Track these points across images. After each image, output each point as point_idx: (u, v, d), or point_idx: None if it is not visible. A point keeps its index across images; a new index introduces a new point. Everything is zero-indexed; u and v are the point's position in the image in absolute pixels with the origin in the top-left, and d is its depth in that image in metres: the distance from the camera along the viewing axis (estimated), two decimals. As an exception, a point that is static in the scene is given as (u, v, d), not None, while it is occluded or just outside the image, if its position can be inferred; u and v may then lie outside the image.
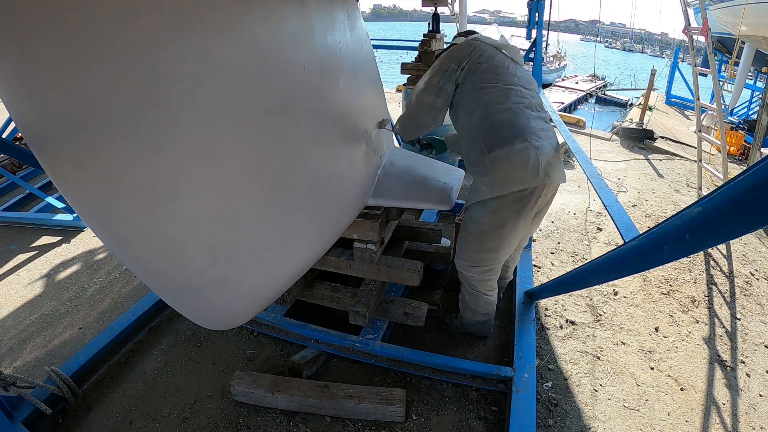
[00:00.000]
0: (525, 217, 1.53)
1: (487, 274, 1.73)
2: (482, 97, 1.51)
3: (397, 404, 1.60)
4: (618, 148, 5.30)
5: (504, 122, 1.46)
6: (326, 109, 1.41)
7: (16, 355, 2.04)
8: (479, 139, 1.50)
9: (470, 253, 1.68)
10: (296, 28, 1.21)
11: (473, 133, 1.53)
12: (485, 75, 1.53)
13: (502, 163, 1.45)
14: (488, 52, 1.59)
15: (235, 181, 1.09)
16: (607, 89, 16.27)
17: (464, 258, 1.72)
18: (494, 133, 1.47)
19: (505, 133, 1.45)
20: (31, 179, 3.96)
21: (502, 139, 1.45)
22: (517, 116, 1.47)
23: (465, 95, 1.56)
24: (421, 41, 3.30)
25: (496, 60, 1.57)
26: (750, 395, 1.82)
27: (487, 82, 1.52)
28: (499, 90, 1.51)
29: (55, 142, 0.91)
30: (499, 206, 1.50)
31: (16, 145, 2.38)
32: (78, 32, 0.79)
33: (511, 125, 1.46)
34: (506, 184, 1.46)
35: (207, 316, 1.31)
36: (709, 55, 3.44)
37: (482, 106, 1.50)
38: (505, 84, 1.52)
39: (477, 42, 1.64)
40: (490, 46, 1.63)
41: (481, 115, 1.50)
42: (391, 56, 8.06)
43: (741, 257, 2.88)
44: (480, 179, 1.52)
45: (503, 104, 1.48)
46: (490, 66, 1.55)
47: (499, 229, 1.56)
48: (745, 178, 0.70)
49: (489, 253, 1.65)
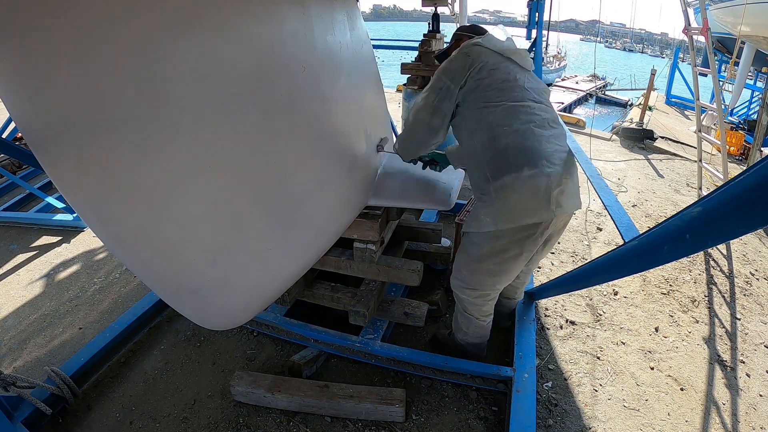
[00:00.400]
0: (530, 247, 1.39)
1: (482, 299, 1.60)
2: (485, 117, 1.34)
3: (397, 404, 1.60)
4: (618, 148, 5.30)
5: (510, 146, 1.30)
6: (326, 109, 1.41)
7: (16, 355, 2.04)
8: (484, 165, 1.35)
9: (465, 274, 1.55)
10: (296, 28, 1.21)
11: (477, 157, 1.38)
12: (488, 92, 1.36)
13: (509, 193, 1.30)
14: (491, 62, 1.39)
15: (235, 181, 1.09)
16: (607, 89, 16.27)
17: (459, 278, 1.58)
18: (500, 159, 1.31)
19: (513, 159, 1.29)
20: (31, 179, 3.96)
21: (509, 165, 1.29)
22: (526, 138, 1.30)
23: (467, 115, 1.39)
24: (421, 41, 3.30)
25: (500, 71, 1.38)
26: (750, 395, 1.82)
27: (491, 101, 1.35)
28: (505, 109, 1.33)
29: (55, 142, 0.91)
30: (501, 234, 1.36)
31: (16, 145, 2.38)
32: (78, 32, 0.79)
33: (519, 150, 1.30)
34: (512, 216, 1.32)
35: (207, 316, 1.31)
36: (709, 55, 3.44)
37: (485, 128, 1.34)
38: (511, 101, 1.34)
39: (478, 50, 1.42)
40: (493, 52, 1.43)
41: (485, 139, 1.34)
42: (391, 56, 8.05)
43: (741, 257, 2.88)
44: (484, 209, 1.36)
45: (510, 125, 1.31)
46: (494, 81, 1.36)
47: (501, 255, 1.42)
48: (745, 178, 0.70)
49: (486, 277, 1.51)
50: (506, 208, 1.32)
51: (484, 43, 1.45)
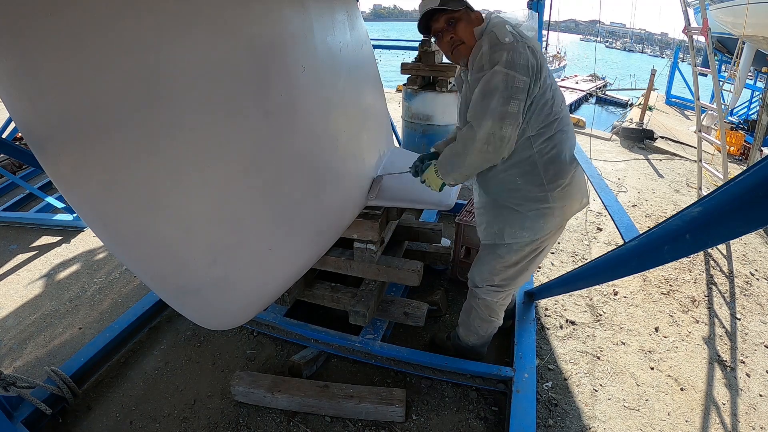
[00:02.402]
0: (557, 238, 1.48)
1: (509, 298, 1.62)
2: (549, 123, 1.24)
3: (397, 404, 1.60)
4: (618, 148, 5.30)
5: (565, 151, 1.29)
6: (326, 108, 1.41)
7: (17, 355, 2.04)
8: (539, 170, 1.27)
9: (499, 278, 1.50)
10: (296, 28, 1.21)
11: (531, 163, 1.27)
12: (546, 96, 1.22)
13: (568, 195, 1.31)
14: (544, 61, 1.22)
15: (235, 181, 1.09)
16: (607, 89, 16.26)
17: (492, 283, 1.53)
18: (558, 164, 1.28)
19: (566, 165, 1.30)
20: (31, 179, 3.96)
21: (564, 169, 1.29)
22: (572, 142, 1.32)
23: (529, 121, 1.23)
24: (421, 41, 3.30)
25: (549, 73, 1.25)
26: (750, 395, 1.82)
27: (557, 105, 1.25)
28: (562, 116, 1.27)
29: (55, 142, 0.91)
30: (556, 230, 1.40)
31: (16, 145, 2.38)
32: (78, 32, 0.79)
33: (570, 155, 1.31)
34: (570, 211, 1.36)
35: (207, 316, 1.31)
36: (709, 55, 3.45)
37: (548, 136, 1.25)
38: (563, 105, 1.28)
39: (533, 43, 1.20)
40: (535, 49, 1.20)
41: (545, 147, 1.25)
42: (390, 56, 8.04)
43: (741, 257, 2.88)
44: (540, 216, 1.32)
45: (566, 131, 1.29)
46: (551, 84, 1.24)
47: (538, 253, 1.45)
48: (745, 178, 0.70)
49: (521, 277, 1.51)
50: (567, 208, 1.34)
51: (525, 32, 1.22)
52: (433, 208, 2.43)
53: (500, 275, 1.50)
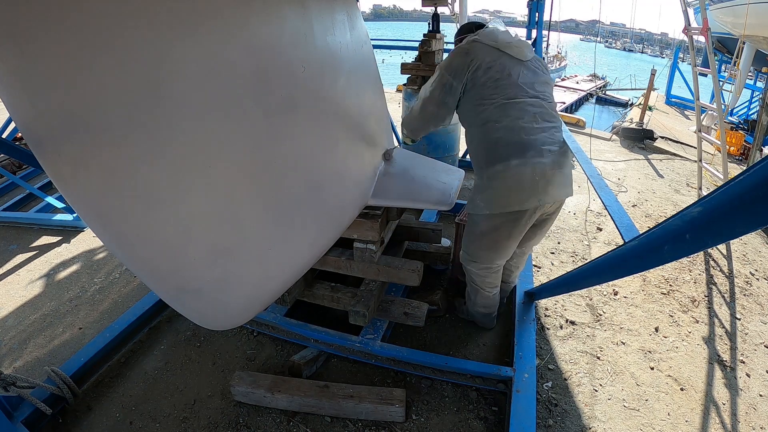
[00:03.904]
0: (520, 230, 1.57)
1: (485, 271, 1.78)
2: (480, 114, 1.50)
3: (397, 404, 1.60)
4: (618, 148, 5.30)
5: (500, 140, 1.46)
6: (326, 108, 1.41)
7: (17, 355, 2.04)
8: (480, 153, 1.54)
9: (471, 248, 1.74)
10: (296, 28, 1.21)
11: (475, 146, 1.58)
12: (483, 90, 1.49)
13: (498, 183, 1.48)
14: (487, 59, 1.51)
15: (235, 181, 1.09)
16: (607, 89, 16.27)
17: (466, 251, 1.79)
18: (492, 151, 1.49)
19: (502, 151, 1.46)
20: (31, 179, 3.96)
21: (498, 156, 1.47)
22: (515, 133, 1.45)
23: (467, 109, 1.56)
24: (421, 41, 3.30)
25: (495, 69, 1.50)
26: (750, 395, 1.82)
27: (485, 98, 1.49)
28: (498, 106, 1.47)
29: (55, 142, 0.91)
30: (493, 216, 1.55)
31: (16, 145, 2.38)
32: (78, 32, 0.79)
33: (507, 143, 1.45)
34: (500, 203, 1.50)
35: (207, 316, 1.31)
36: (709, 55, 3.44)
37: (480, 123, 1.51)
38: (504, 98, 1.47)
39: (476, 47, 1.54)
40: (491, 48, 1.53)
41: (480, 132, 1.52)
42: (395, 56, 8.05)
43: (741, 257, 2.88)
44: (479, 194, 1.56)
45: (500, 121, 1.46)
46: (488, 79, 1.49)
47: (494, 234, 1.61)
48: (745, 178, 0.70)
49: (484, 251, 1.70)
50: (497, 195, 1.50)
51: (481, 39, 1.57)
52: (433, 208, 2.43)
53: (471, 246, 1.72)
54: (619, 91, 15.47)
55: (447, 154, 3.40)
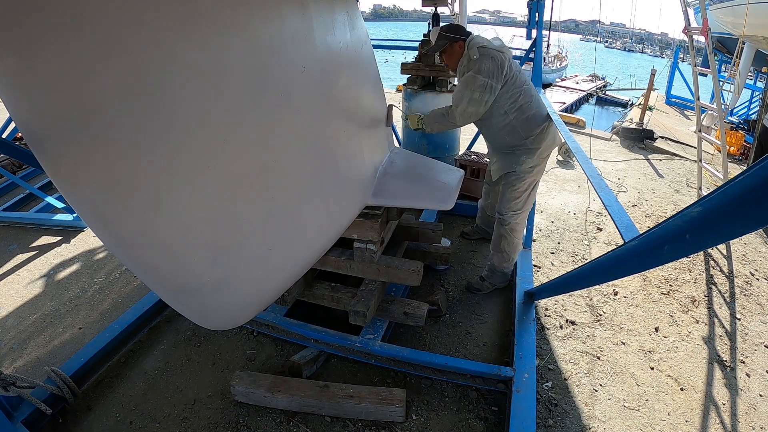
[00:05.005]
0: (544, 167, 2.16)
1: (524, 222, 2.23)
2: (516, 100, 1.98)
3: (397, 404, 1.60)
4: (618, 148, 5.30)
5: (535, 114, 2.02)
6: (326, 109, 1.41)
7: (17, 355, 2.04)
8: (519, 128, 2.01)
9: (520, 204, 2.13)
10: (297, 29, 1.21)
11: (510, 127, 2.02)
12: (514, 83, 1.97)
13: (540, 138, 2.02)
14: (507, 62, 1.94)
15: (235, 181, 1.09)
16: (607, 89, 16.27)
17: (515, 210, 2.14)
18: (530, 122, 2.01)
19: (538, 120, 2.02)
20: (31, 179, 3.96)
21: (537, 123, 2.01)
22: (540, 107, 2.04)
23: (503, 101, 1.98)
24: (421, 41, 3.30)
25: (511, 66, 1.96)
26: (750, 395, 1.82)
27: (517, 87, 1.97)
28: (524, 92, 2.00)
29: (55, 142, 0.91)
30: (536, 165, 2.07)
31: (16, 145, 2.38)
32: (78, 32, 0.79)
33: (539, 114, 2.03)
34: (545, 152, 2.08)
35: (207, 316, 1.31)
36: (709, 55, 3.44)
37: (516, 107, 1.99)
38: (525, 85, 2.01)
39: (493, 53, 1.92)
40: (499, 52, 1.94)
41: (517, 113, 2.00)
42: (397, 56, 8.05)
43: (741, 257, 2.88)
44: (523, 155, 2.05)
45: (529, 102, 2.01)
46: (513, 74, 1.96)
47: (534, 178, 2.11)
48: (745, 178, 0.70)
49: (530, 198, 2.17)
50: (542, 148, 2.04)
51: (488, 45, 1.97)
52: (433, 208, 2.43)
53: (515, 200, 2.12)
54: (619, 91, 15.47)
55: (447, 154, 3.40)
